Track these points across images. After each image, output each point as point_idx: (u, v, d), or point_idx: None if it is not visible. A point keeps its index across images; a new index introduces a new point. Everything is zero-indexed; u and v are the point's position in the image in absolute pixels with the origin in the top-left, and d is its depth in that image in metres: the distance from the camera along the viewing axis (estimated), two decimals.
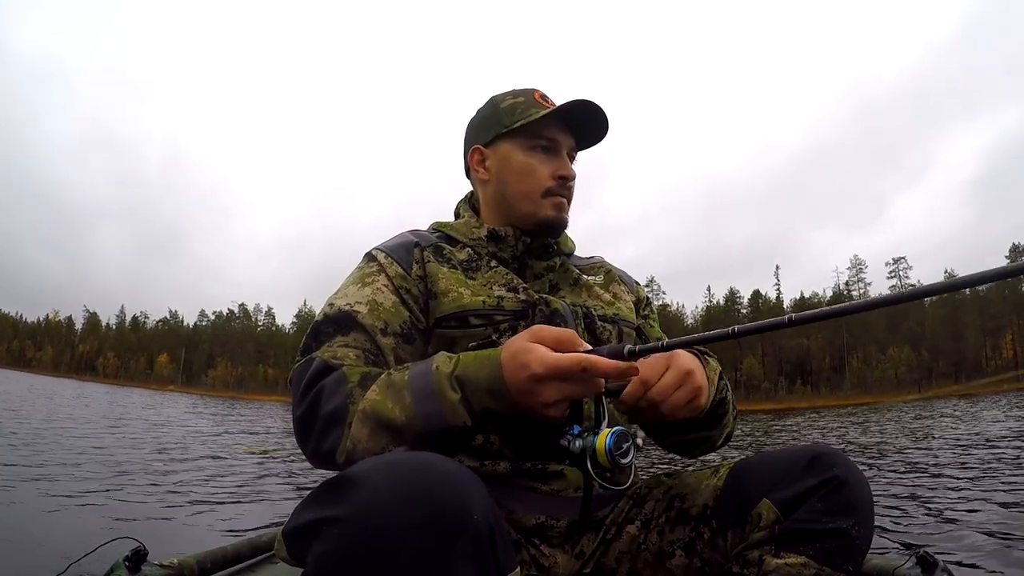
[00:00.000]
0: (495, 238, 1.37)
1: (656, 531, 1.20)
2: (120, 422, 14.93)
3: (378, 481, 0.73)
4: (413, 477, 0.73)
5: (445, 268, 1.30)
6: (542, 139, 1.36)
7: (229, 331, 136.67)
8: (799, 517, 1.00)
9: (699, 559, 1.13)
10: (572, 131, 1.39)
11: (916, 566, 1.34)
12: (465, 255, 1.36)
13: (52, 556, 2.95)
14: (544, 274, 1.40)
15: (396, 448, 0.97)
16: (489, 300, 1.26)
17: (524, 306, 1.27)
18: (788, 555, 1.00)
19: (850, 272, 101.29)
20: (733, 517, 1.10)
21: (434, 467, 0.76)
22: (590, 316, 1.33)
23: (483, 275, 1.32)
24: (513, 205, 1.37)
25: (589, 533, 1.24)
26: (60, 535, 3.51)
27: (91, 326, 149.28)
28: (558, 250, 1.42)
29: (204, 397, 69.73)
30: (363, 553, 0.68)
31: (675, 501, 1.21)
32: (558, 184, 1.35)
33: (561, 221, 1.37)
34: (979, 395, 52.00)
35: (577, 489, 1.21)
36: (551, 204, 1.35)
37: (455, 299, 1.25)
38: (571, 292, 1.39)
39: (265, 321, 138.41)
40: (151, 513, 4.45)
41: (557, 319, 1.27)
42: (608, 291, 1.45)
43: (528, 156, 1.36)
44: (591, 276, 1.46)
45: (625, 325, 1.39)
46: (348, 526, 0.70)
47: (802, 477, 1.03)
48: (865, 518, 1.00)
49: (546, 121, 1.34)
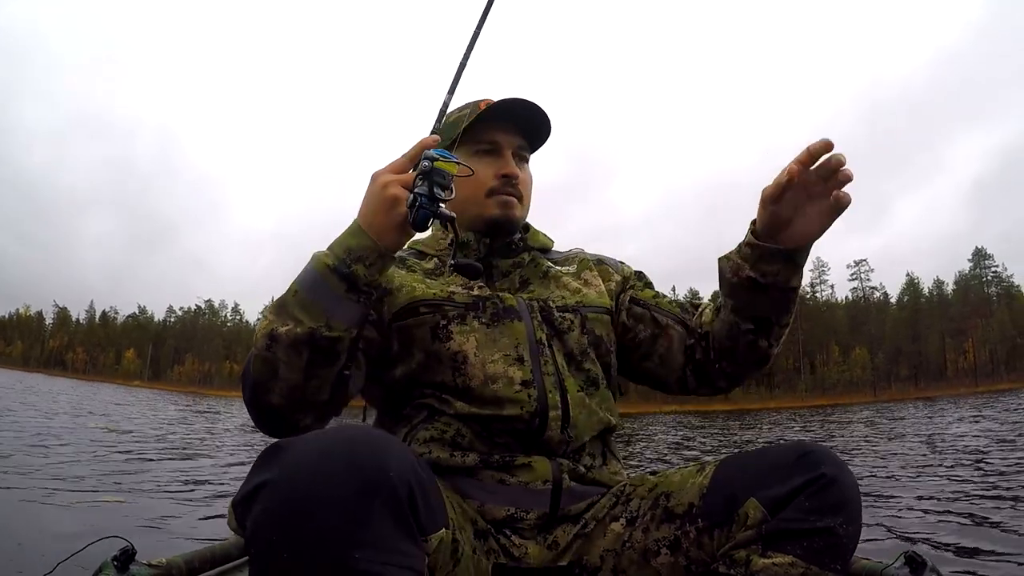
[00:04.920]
0: (458, 245, 1.40)
1: (641, 529, 1.19)
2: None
3: (304, 445, 0.83)
4: (336, 440, 0.83)
5: (403, 271, 1.39)
6: (483, 143, 1.41)
7: (196, 327, 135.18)
8: (786, 516, 1.00)
9: (685, 558, 1.13)
10: (522, 132, 1.44)
11: (904, 566, 1.34)
12: (432, 264, 1.44)
13: (39, 556, 2.91)
14: (511, 271, 1.44)
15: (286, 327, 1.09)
16: (440, 292, 1.34)
17: (475, 300, 1.34)
18: (775, 555, 0.99)
19: (812, 274, 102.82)
20: (719, 516, 1.09)
21: (355, 433, 0.87)
22: (547, 308, 1.35)
23: (444, 278, 1.39)
24: (464, 210, 1.40)
25: (565, 524, 1.24)
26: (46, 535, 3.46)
27: (60, 321, 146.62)
28: (525, 246, 1.48)
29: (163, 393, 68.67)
30: (290, 508, 0.77)
31: (661, 499, 1.21)
32: (501, 183, 1.40)
33: (508, 218, 1.41)
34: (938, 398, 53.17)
35: (546, 481, 1.23)
36: (495, 203, 1.40)
37: (408, 292, 1.33)
38: (540, 285, 1.43)
39: (232, 318, 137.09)
40: (139, 512, 4.41)
41: (511, 314, 1.32)
42: (579, 279, 1.47)
43: (472, 161, 1.38)
44: (564, 267, 1.49)
45: (591, 311, 1.40)
46: (277, 486, 0.78)
47: (789, 475, 1.03)
48: (853, 516, 1.00)
49: (487, 125, 1.40)
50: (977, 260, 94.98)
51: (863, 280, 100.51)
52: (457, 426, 1.26)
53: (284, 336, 1.09)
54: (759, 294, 1.23)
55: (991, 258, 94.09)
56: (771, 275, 1.19)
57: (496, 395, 1.23)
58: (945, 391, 72.79)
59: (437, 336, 1.29)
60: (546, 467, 1.23)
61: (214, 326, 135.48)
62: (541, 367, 1.28)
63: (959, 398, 50.22)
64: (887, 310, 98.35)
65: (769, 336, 1.29)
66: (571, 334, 1.34)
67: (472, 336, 1.29)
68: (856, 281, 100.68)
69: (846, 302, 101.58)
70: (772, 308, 1.26)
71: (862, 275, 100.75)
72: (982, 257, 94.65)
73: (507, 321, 1.32)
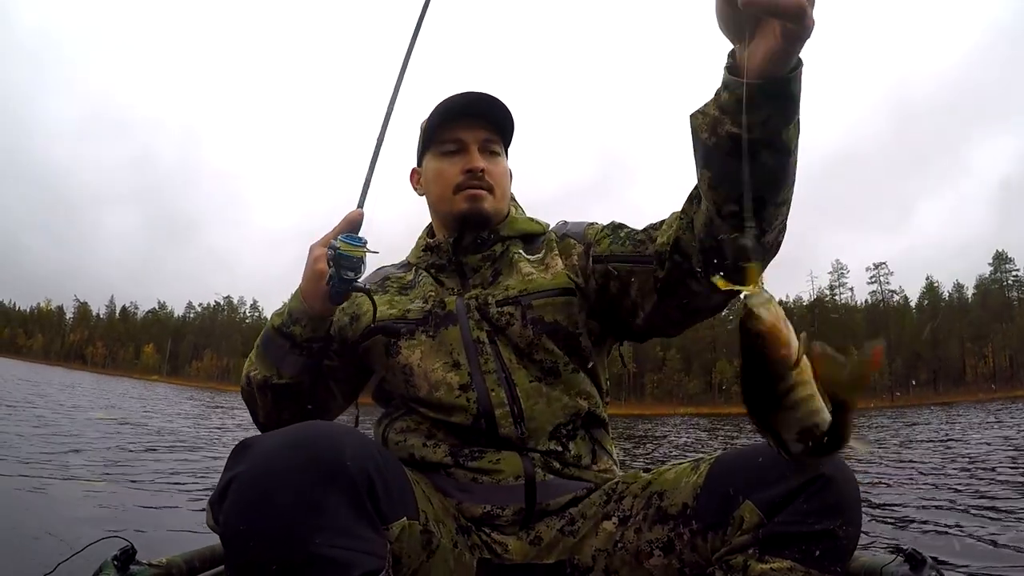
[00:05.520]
0: (429, 249, 1.49)
1: (634, 529, 1.17)
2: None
3: (268, 440, 0.90)
4: (297, 434, 0.91)
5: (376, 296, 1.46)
6: (447, 143, 1.44)
7: (215, 323, 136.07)
8: (784, 519, 0.98)
9: (678, 560, 1.11)
10: (486, 126, 1.45)
11: (904, 563, 1.32)
12: (411, 275, 1.52)
13: (39, 556, 2.93)
14: (482, 265, 1.45)
15: (254, 372, 1.39)
16: (396, 312, 1.41)
17: (425, 314, 1.38)
18: (773, 559, 0.97)
19: (831, 276, 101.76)
20: (714, 518, 1.06)
21: (316, 427, 0.94)
22: (483, 307, 1.36)
23: (414, 291, 1.46)
24: (437, 210, 1.49)
25: (547, 518, 1.24)
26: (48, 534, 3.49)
27: (81, 315, 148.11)
28: (496, 238, 1.46)
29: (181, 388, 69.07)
30: (254, 498, 0.84)
31: (654, 498, 1.18)
32: (466, 178, 1.41)
33: (476, 211, 1.42)
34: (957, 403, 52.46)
35: (517, 477, 1.23)
36: (463, 197, 1.41)
37: (367, 317, 1.42)
38: (507, 276, 1.42)
39: (251, 314, 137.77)
40: (139, 512, 4.41)
41: (449, 320, 1.36)
42: (541, 264, 1.42)
43: (439, 162, 1.45)
44: (535, 253, 1.46)
45: (537, 297, 1.34)
46: (243, 479, 0.86)
47: (786, 476, 0.99)
48: (853, 517, 0.98)
49: (449, 124, 1.43)
50: (997, 264, 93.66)
51: (882, 283, 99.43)
52: (427, 424, 1.34)
53: (253, 379, 1.39)
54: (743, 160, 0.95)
55: (1012, 262, 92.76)
56: (759, 126, 0.90)
57: (441, 402, 1.28)
58: (964, 396, 71.80)
59: (389, 353, 1.38)
60: (516, 463, 1.24)
61: (233, 322, 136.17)
62: (480, 367, 1.31)
63: (978, 404, 49.52)
64: (909, 313, 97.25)
65: (761, 219, 0.99)
66: (512, 328, 1.33)
67: (418, 349, 1.35)
68: (875, 284, 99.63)
69: (865, 305, 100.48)
70: (761, 178, 0.94)
71: (881, 278, 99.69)
72: (1003, 261, 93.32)
73: (444, 328, 1.36)
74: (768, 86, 0.88)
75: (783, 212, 1.02)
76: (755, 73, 0.87)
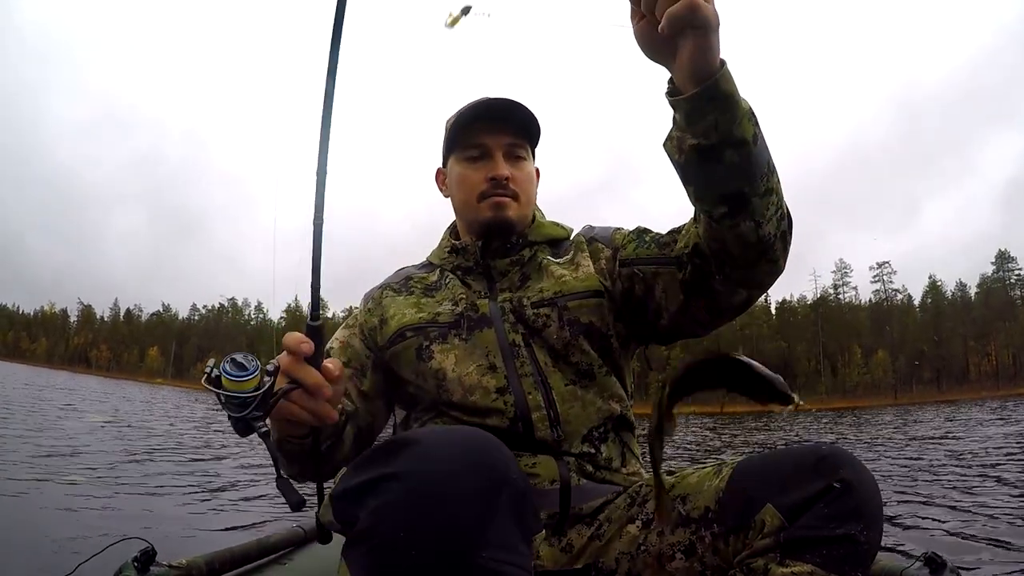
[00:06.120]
0: (456, 251, 1.47)
1: (656, 532, 1.17)
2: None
3: (433, 441, 0.84)
4: (463, 438, 0.85)
5: (400, 297, 1.46)
6: (471, 148, 1.43)
7: (220, 325, 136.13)
8: (805, 523, 0.98)
9: (700, 563, 1.11)
10: (511, 130, 1.44)
11: (924, 567, 1.31)
12: (435, 276, 1.50)
13: (60, 556, 2.95)
14: (510, 270, 1.44)
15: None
16: (426, 316, 1.39)
17: (457, 317, 1.37)
18: (794, 563, 0.96)
19: (835, 275, 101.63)
20: (735, 521, 1.06)
21: (479, 433, 0.88)
22: (520, 308, 1.36)
23: (440, 293, 1.44)
24: (462, 215, 1.49)
25: (579, 526, 1.24)
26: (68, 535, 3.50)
27: (85, 318, 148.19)
28: (524, 243, 1.45)
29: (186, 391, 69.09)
30: (421, 499, 0.76)
31: (676, 502, 1.17)
32: (490, 186, 1.40)
33: (503, 220, 1.41)
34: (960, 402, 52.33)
35: (553, 481, 1.23)
36: (487, 206, 1.41)
37: (398, 320, 1.40)
38: (537, 280, 1.41)
39: (256, 316, 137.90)
40: (159, 513, 4.43)
41: (483, 323, 1.35)
42: (571, 264, 1.43)
43: (463, 167, 1.44)
44: (562, 257, 1.46)
45: (572, 299, 1.36)
46: (409, 478, 0.78)
47: (807, 480, 0.99)
48: (874, 522, 0.97)
49: (472, 128, 1.42)
50: (1000, 263, 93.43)
51: (885, 282, 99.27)
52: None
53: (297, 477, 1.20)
54: (712, 164, 1.04)
55: (1015, 260, 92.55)
56: (712, 131, 1.01)
57: (476, 406, 1.27)
58: (967, 395, 71.58)
59: (421, 357, 1.35)
60: (552, 467, 1.25)
61: (238, 324, 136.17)
62: (517, 370, 1.30)
63: (981, 402, 49.42)
64: (912, 311, 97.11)
65: (751, 214, 1.08)
66: (549, 330, 1.34)
67: (452, 353, 1.34)
68: (879, 283, 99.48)
69: (869, 304, 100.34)
70: (735, 176, 1.05)
71: (884, 277, 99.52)
72: (1005, 260, 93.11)
73: (479, 331, 1.35)
74: (703, 92, 0.98)
75: (772, 201, 1.09)
76: (687, 84, 0.99)
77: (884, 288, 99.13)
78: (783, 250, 1.16)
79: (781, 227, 1.13)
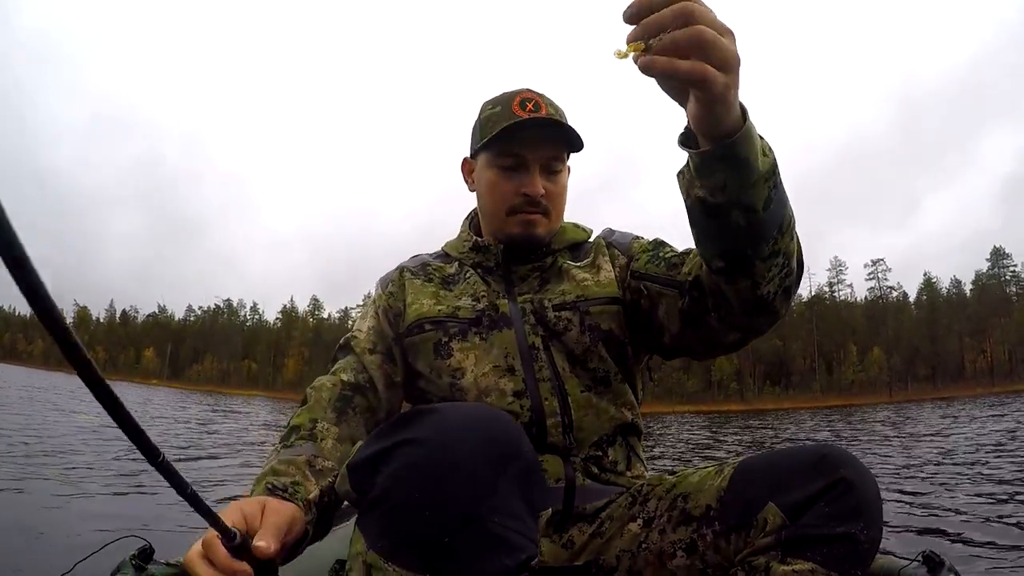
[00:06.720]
0: (477, 249, 1.43)
1: (658, 530, 1.17)
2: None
3: (451, 411, 0.85)
4: (478, 412, 0.87)
5: (419, 282, 1.42)
6: (509, 156, 1.35)
7: (215, 326, 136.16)
8: (806, 522, 0.98)
9: (701, 561, 1.11)
10: (552, 143, 1.36)
11: (922, 566, 1.32)
12: (454, 269, 1.45)
13: (57, 554, 2.96)
14: (529, 275, 1.40)
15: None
16: (446, 310, 1.35)
17: (477, 314, 1.33)
18: (795, 561, 0.96)
19: (830, 273, 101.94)
20: (737, 520, 1.06)
21: (494, 411, 0.90)
22: (541, 310, 1.32)
23: (459, 287, 1.40)
24: (488, 222, 1.43)
25: (580, 524, 1.24)
26: (65, 534, 3.51)
27: (81, 320, 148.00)
28: (547, 251, 1.41)
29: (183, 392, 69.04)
30: (435, 464, 0.79)
31: (678, 500, 1.17)
32: (523, 201, 1.34)
33: (530, 237, 1.37)
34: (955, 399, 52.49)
35: (558, 480, 1.23)
36: (516, 222, 1.36)
37: (416, 309, 1.36)
38: (557, 284, 1.38)
39: (251, 317, 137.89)
40: (158, 512, 4.44)
41: (502, 322, 1.32)
42: (592, 267, 1.40)
43: (494, 173, 1.37)
44: (583, 260, 1.43)
45: (594, 304, 1.33)
46: (427, 443, 0.80)
47: (808, 479, 1.00)
48: (873, 521, 0.97)
49: (510, 137, 1.32)
50: (995, 259, 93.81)
51: (880, 280, 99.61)
52: None
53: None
54: (716, 221, 0.97)
55: (1009, 257, 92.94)
56: (718, 191, 0.93)
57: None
58: (963, 392, 71.90)
59: (439, 353, 1.33)
60: (559, 466, 1.24)
61: (233, 325, 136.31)
62: (535, 373, 1.28)
63: (976, 399, 49.60)
64: (909, 309, 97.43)
65: (751, 275, 1.02)
66: (570, 334, 1.31)
67: (472, 352, 1.31)
68: (873, 280, 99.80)
69: (864, 302, 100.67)
70: (737, 237, 0.98)
71: (879, 274, 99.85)
72: (1000, 256, 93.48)
73: (497, 331, 1.32)
74: (715, 152, 0.88)
75: (778, 263, 1.02)
76: (700, 138, 0.90)
77: (879, 285, 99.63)
78: (784, 303, 1.11)
79: (785, 284, 1.07)
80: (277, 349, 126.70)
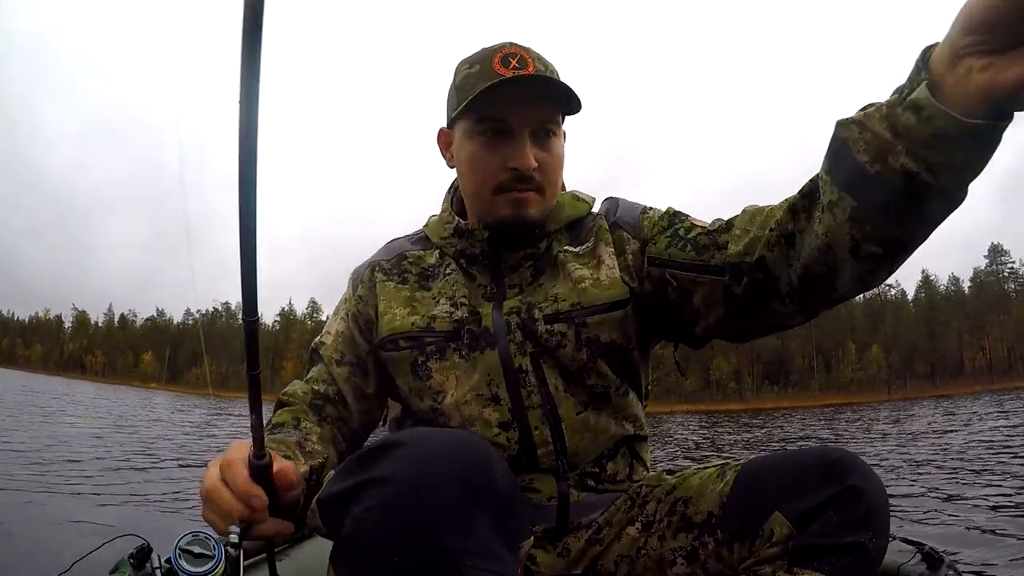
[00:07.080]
0: (460, 233, 1.22)
1: (657, 536, 1.13)
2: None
3: (418, 445, 0.79)
4: (448, 443, 0.80)
5: (391, 285, 1.25)
6: (492, 122, 1.12)
7: (214, 329, 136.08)
8: (814, 531, 0.94)
9: (702, 569, 1.07)
10: (543, 103, 1.13)
11: (922, 562, 1.31)
12: (434, 258, 1.27)
13: (56, 554, 2.94)
14: (521, 264, 1.21)
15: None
16: (420, 321, 1.18)
17: (455, 326, 1.17)
18: (802, 571, 0.94)
19: None
20: (740, 528, 1.02)
21: (465, 438, 0.84)
22: (528, 324, 1.14)
23: (437, 286, 1.23)
24: (471, 202, 1.21)
25: (577, 532, 1.19)
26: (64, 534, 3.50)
27: (79, 324, 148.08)
28: (540, 234, 1.21)
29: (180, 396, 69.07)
30: (402, 506, 0.74)
31: (678, 505, 1.12)
32: (511, 177, 1.12)
33: (522, 220, 1.15)
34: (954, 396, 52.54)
35: (551, 498, 1.16)
36: (505, 202, 1.14)
37: (389, 321, 1.21)
38: (552, 280, 1.19)
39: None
40: (156, 512, 4.44)
41: (485, 340, 1.15)
42: (593, 259, 1.20)
43: (476, 144, 1.14)
44: (582, 245, 1.22)
45: (592, 313, 1.14)
46: (391, 482, 0.75)
47: (816, 487, 0.96)
48: (882, 529, 0.95)
49: (495, 97, 1.08)
50: (993, 256, 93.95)
51: None
52: None
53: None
54: (907, 201, 0.76)
55: (1007, 254, 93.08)
56: (950, 173, 0.72)
57: None
58: (961, 389, 71.96)
59: (417, 374, 1.19)
60: (551, 486, 1.17)
61: (232, 328, 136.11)
62: (523, 400, 1.14)
63: (975, 396, 49.65)
64: (907, 307, 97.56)
65: (893, 263, 0.85)
66: (564, 350, 1.14)
67: (451, 374, 1.16)
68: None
69: (863, 300, 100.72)
70: (916, 226, 0.80)
71: None
72: (998, 253, 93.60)
73: (479, 352, 1.15)
74: (988, 129, 0.68)
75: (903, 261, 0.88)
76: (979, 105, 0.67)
77: None
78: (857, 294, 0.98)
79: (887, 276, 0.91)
80: (275, 352, 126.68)
